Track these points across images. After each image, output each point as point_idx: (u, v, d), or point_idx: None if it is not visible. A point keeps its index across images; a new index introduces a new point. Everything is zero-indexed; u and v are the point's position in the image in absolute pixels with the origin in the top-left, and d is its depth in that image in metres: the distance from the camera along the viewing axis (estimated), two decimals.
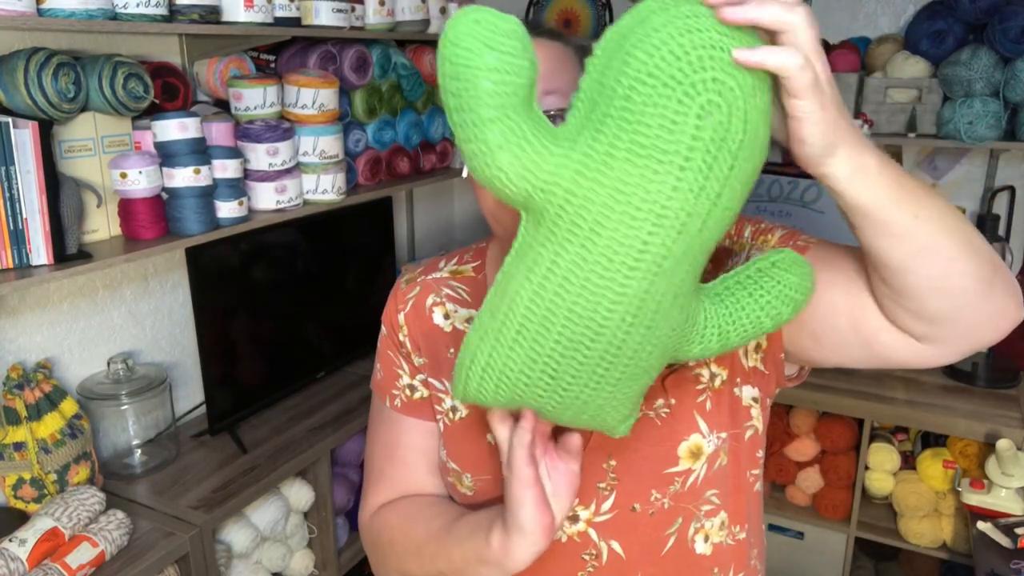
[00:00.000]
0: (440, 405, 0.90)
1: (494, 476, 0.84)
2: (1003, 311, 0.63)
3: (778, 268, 0.62)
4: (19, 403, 1.46)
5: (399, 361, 0.93)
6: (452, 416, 0.88)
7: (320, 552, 2.02)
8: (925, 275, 0.60)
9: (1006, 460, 1.80)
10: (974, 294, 0.61)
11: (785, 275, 0.62)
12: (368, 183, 2.17)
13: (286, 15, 1.77)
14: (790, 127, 0.56)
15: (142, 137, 1.60)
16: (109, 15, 1.39)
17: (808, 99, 0.53)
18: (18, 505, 1.48)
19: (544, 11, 2.73)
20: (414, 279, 0.94)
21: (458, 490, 0.89)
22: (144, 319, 1.89)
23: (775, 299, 0.62)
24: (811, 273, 0.63)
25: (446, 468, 0.90)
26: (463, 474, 0.87)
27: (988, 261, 0.61)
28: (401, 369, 0.93)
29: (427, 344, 0.90)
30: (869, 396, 2.10)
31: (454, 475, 0.88)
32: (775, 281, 0.62)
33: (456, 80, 0.51)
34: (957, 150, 2.20)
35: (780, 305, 0.62)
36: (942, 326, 0.63)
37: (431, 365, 0.90)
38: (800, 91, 0.53)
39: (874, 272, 0.64)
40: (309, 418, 2.01)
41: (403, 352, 0.92)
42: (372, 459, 0.97)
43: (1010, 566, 1.64)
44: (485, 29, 0.51)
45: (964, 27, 1.99)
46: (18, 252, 1.36)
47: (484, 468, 0.85)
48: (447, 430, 0.89)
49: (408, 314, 0.92)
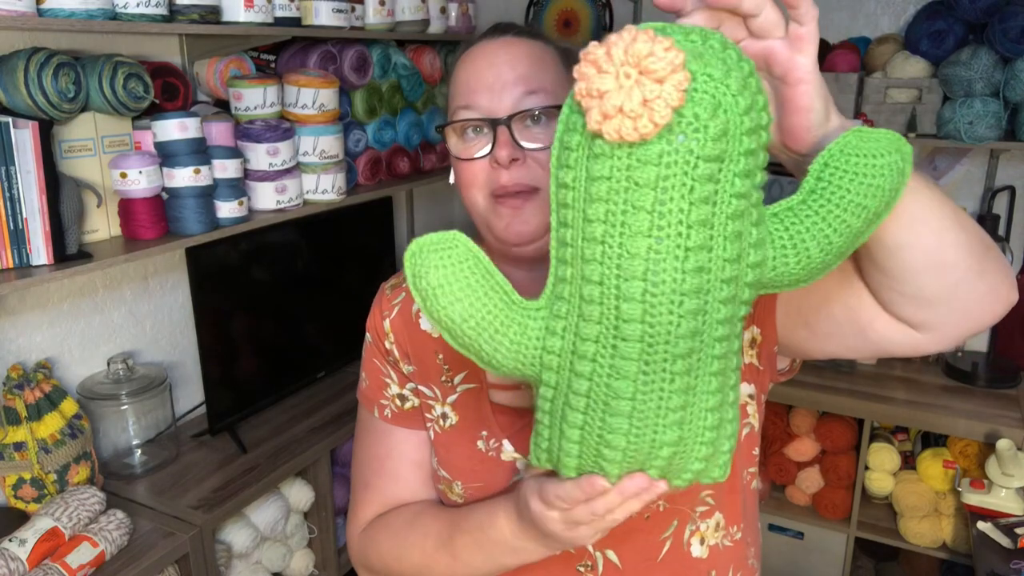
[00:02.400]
0: (430, 412, 0.88)
1: (485, 483, 0.82)
2: (996, 291, 0.62)
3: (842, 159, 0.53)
4: (19, 403, 1.46)
5: (386, 370, 0.91)
6: (442, 423, 0.87)
7: (320, 552, 2.02)
8: (920, 248, 0.59)
9: (1006, 460, 1.80)
10: (967, 270, 0.60)
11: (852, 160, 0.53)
12: (368, 183, 2.17)
13: (286, 15, 1.77)
14: (791, 98, 0.55)
15: (142, 137, 1.60)
16: (109, 15, 1.39)
17: (810, 54, 0.54)
18: (18, 505, 1.48)
19: (544, 11, 2.73)
20: (399, 284, 0.91)
21: (448, 498, 0.87)
22: (144, 319, 1.89)
23: (849, 195, 0.53)
24: (888, 145, 0.53)
25: (437, 476, 0.88)
26: (453, 482, 0.86)
27: (978, 236, 0.61)
28: (389, 378, 0.91)
29: (415, 351, 0.88)
30: (869, 396, 2.10)
31: (444, 483, 0.87)
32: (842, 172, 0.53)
33: (432, 319, 0.58)
34: (957, 150, 2.20)
35: (864, 200, 0.53)
36: (937, 309, 0.62)
37: (420, 372, 0.88)
38: (807, 29, 0.53)
39: (867, 257, 0.62)
40: (309, 418, 2.01)
41: (390, 360, 0.90)
42: (360, 471, 0.94)
43: (1010, 566, 1.64)
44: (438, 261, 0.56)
45: (964, 27, 1.99)
46: (18, 252, 1.36)
47: (474, 475, 0.83)
48: (437, 438, 0.87)
49: (394, 320, 0.89)
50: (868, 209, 0.53)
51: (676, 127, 0.48)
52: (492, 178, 0.76)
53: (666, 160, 0.49)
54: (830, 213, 0.53)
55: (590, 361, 0.55)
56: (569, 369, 0.57)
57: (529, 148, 0.75)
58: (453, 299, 0.57)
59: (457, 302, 0.57)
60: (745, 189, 0.51)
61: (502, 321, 0.58)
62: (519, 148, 0.75)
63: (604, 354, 0.54)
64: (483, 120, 0.76)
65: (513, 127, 0.75)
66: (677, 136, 0.48)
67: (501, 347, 0.58)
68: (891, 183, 0.52)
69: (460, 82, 0.79)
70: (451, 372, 0.86)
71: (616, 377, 0.54)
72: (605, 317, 0.54)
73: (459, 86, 0.79)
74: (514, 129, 0.75)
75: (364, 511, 0.92)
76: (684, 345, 0.53)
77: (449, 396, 0.86)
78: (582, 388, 0.56)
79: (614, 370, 0.54)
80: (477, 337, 0.58)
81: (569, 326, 0.56)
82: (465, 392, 0.86)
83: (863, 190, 0.52)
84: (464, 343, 0.59)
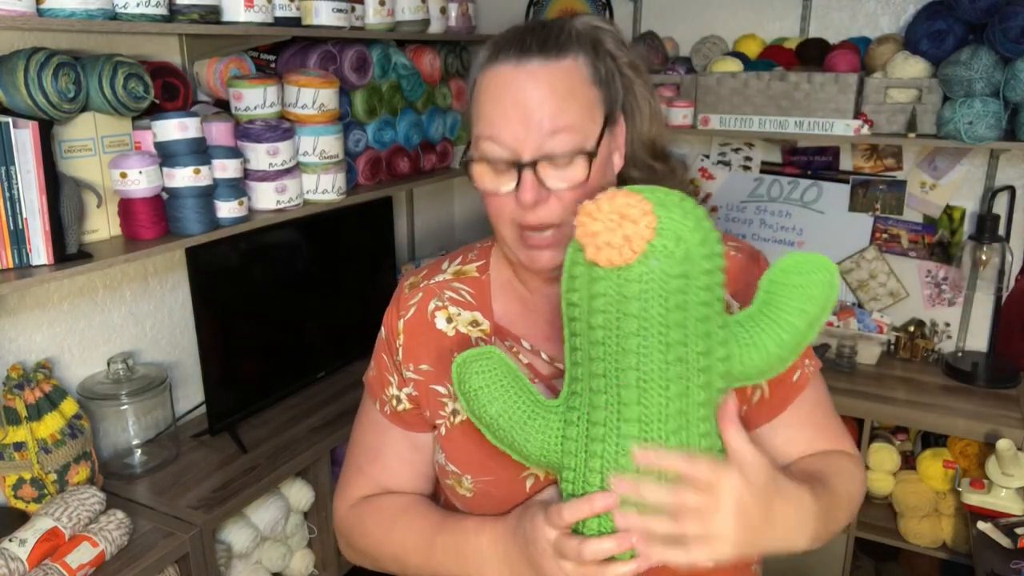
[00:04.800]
0: (443, 410, 0.89)
1: (496, 478, 0.84)
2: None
3: (781, 282, 0.71)
4: (19, 403, 1.46)
5: (390, 368, 0.93)
6: (453, 420, 0.88)
7: (320, 552, 2.02)
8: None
9: (1006, 460, 1.80)
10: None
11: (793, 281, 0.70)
12: (368, 183, 2.17)
13: (286, 15, 1.77)
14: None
15: (142, 137, 1.60)
16: (109, 15, 1.39)
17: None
18: (18, 505, 1.48)
19: (544, 11, 2.73)
20: (417, 284, 0.94)
21: (457, 492, 0.89)
22: (144, 319, 1.89)
23: (795, 308, 0.70)
24: (820, 274, 0.70)
25: (445, 471, 0.90)
26: (463, 476, 0.87)
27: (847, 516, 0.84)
28: (392, 377, 0.93)
29: (431, 350, 0.90)
30: (869, 396, 2.10)
31: (454, 477, 0.88)
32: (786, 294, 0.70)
33: (474, 415, 0.77)
34: (957, 150, 2.20)
35: (805, 307, 0.69)
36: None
37: (435, 372, 0.90)
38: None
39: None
40: (309, 418, 2.01)
41: (396, 361, 0.92)
42: (355, 453, 0.98)
43: (1010, 566, 1.64)
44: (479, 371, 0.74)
45: (964, 27, 1.99)
46: (18, 252, 1.36)
47: (485, 470, 0.85)
48: (448, 433, 0.89)
49: (409, 321, 0.91)
50: (809, 313, 0.69)
51: (651, 254, 0.65)
52: (518, 213, 0.79)
53: (646, 278, 0.65)
54: (780, 317, 0.69)
55: (600, 442, 0.68)
56: (584, 452, 0.70)
57: (554, 188, 0.77)
58: (491, 399, 0.73)
59: (494, 401, 0.73)
60: (708, 299, 0.67)
61: (529, 415, 0.72)
62: (544, 188, 0.77)
63: (611, 436, 0.68)
64: (509, 162, 0.77)
65: (538, 169, 0.76)
66: (652, 261, 0.65)
67: (530, 438, 0.73)
68: (824, 292, 0.69)
69: (484, 111, 0.78)
70: None
71: (622, 454, 0.68)
72: (609, 403, 0.68)
73: (483, 114, 0.79)
74: (539, 171, 0.76)
75: (355, 490, 0.97)
76: (673, 423, 0.67)
77: None
78: (595, 466, 0.69)
79: (620, 448, 0.68)
80: (510, 430, 0.73)
81: (582, 416, 0.70)
82: None
83: (804, 298, 0.69)
84: (500, 436, 0.74)
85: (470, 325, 0.89)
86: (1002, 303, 2.17)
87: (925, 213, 2.31)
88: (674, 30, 2.51)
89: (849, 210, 2.39)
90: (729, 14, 2.44)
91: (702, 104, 2.26)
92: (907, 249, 2.35)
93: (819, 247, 2.43)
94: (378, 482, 0.96)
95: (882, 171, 2.33)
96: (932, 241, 2.31)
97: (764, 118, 2.17)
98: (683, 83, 2.30)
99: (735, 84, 2.19)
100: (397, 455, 0.94)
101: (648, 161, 0.86)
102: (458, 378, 0.75)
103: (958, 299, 2.30)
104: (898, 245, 2.36)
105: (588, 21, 0.82)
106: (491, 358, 0.74)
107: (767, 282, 0.70)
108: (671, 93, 2.31)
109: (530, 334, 0.88)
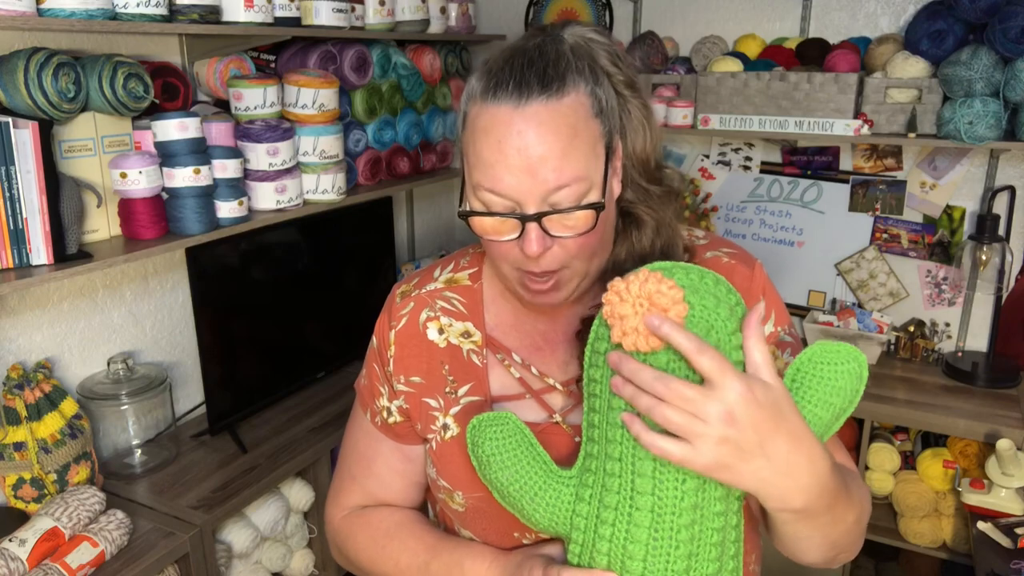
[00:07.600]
0: (433, 424, 0.88)
1: (487, 493, 0.82)
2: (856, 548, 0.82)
3: (812, 367, 0.68)
4: (19, 403, 1.46)
5: (381, 379, 0.92)
6: (443, 435, 0.87)
7: (320, 552, 2.02)
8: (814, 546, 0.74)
9: (1006, 460, 1.80)
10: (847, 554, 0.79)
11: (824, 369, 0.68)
12: (368, 183, 2.17)
13: (286, 15, 1.77)
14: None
15: (142, 137, 1.60)
16: (109, 15, 1.39)
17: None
18: (18, 505, 1.48)
19: (544, 11, 2.73)
20: (408, 293, 0.91)
21: (450, 507, 0.88)
22: (144, 319, 1.89)
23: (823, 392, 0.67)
24: (848, 366, 0.67)
25: (437, 486, 0.89)
26: (454, 492, 0.86)
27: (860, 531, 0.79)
28: (383, 388, 0.92)
29: (422, 361, 0.88)
30: (869, 396, 2.10)
31: (445, 492, 0.87)
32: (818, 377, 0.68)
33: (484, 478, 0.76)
34: (957, 150, 2.20)
35: (831, 399, 0.67)
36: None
37: (426, 384, 0.88)
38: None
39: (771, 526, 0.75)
40: (309, 418, 2.01)
41: (387, 372, 0.91)
42: (347, 459, 0.98)
43: (1010, 566, 1.64)
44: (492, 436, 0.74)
45: (964, 27, 1.98)
46: (18, 252, 1.36)
47: (477, 487, 0.83)
48: (439, 448, 0.88)
49: (400, 332, 0.89)
50: (835, 405, 0.66)
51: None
52: (521, 261, 0.75)
53: (671, 367, 0.63)
54: (805, 409, 0.66)
55: (610, 526, 0.67)
56: (593, 531, 0.69)
57: (560, 236, 0.74)
58: (503, 466, 0.72)
59: (506, 468, 0.72)
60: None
61: (540, 486, 0.71)
62: (549, 237, 0.74)
63: (622, 520, 0.67)
64: (512, 216, 0.73)
65: (543, 221, 0.73)
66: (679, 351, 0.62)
67: (539, 507, 0.71)
68: (852, 384, 0.66)
69: (484, 158, 0.72)
70: (456, 384, 0.87)
71: (631, 541, 0.66)
72: (623, 488, 0.67)
73: (482, 161, 0.73)
74: (544, 223, 0.73)
75: (347, 498, 0.97)
76: (687, 516, 0.65)
77: (452, 408, 0.87)
78: (603, 548, 0.68)
79: (629, 535, 0.66)
80: (520, 498, 0.72)
81: (595, 494, 0.69)
82: (469, 404, 0.86)
83: (830, 390, 0.66)
84: (510, 502, 0.73)
85: (462, 336, 0.87)
86: (1002, 303, 2.17)
87: (925, 213, 2.31)
88: (674, 30, 2.51)
89: (849, 210, 2.39)
90: (729, 14, 2.44)
91: (702, 104, 2.26)
92: (907, 249, 2.35)
93: (819, 247, 2.44)
94: (370, 492, 0.95)
95: (882, 171, 2.33)
96: (932, 241, 2.31)
97: (764, 118, 2.17)
98: (683, 83, 2.30)
99: (735, 84, 2.19)
100: (389, 466, 0.93)
101: (643, 184, 0.81)
102: (472, 441, 0.74)
103: (958, 299, 2.30)
104: (898, 245, 2.36)
105: (581, 34, 0.77)
106: (506, 424, 0.73)
107: (793, 371, 0.67)
108: (671, 93, 2.31)
109: (522, 347, 0.87)
